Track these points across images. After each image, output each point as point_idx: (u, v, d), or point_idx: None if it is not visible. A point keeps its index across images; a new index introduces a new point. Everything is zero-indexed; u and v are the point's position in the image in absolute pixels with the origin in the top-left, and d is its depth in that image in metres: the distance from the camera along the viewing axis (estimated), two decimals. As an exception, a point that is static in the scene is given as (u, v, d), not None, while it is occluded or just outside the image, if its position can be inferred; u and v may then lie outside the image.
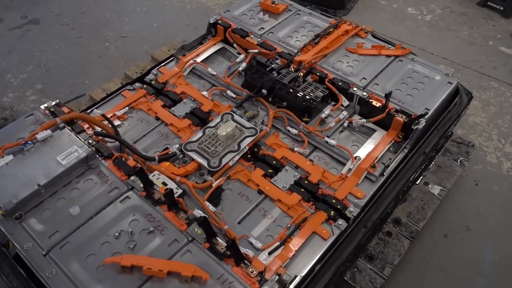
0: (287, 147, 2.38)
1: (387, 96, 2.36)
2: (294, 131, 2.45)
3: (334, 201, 2.13)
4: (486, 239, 2.66)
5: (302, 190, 2.19)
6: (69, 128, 2.18)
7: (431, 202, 2.42)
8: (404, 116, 2.38)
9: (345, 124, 2.51)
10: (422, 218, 2.35)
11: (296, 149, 2.36)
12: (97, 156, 2.10)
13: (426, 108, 2.42)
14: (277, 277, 1.72)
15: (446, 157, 2.66)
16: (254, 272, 1.70)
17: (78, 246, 1.75)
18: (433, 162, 2.64)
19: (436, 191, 2.47)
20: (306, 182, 2.22)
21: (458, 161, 2.64)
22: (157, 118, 2.58)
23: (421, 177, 2.55)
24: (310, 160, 2.34)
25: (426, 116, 2.36)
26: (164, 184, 2.12)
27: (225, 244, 1.70)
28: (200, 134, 2.36)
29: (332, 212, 2.09)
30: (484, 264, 2.53)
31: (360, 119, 2.51)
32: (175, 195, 2.03)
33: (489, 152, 3.16)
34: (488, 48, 4.06)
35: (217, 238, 1.80)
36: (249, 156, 2.36)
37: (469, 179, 2.96)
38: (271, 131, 2.48)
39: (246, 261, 1.75)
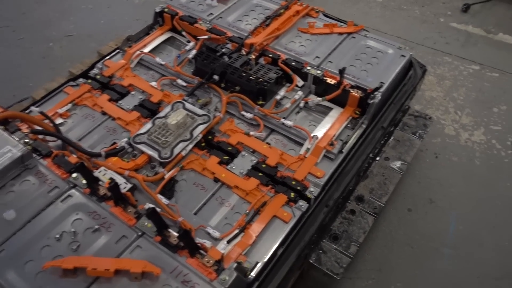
0: (243, 132, 2.28)
1: (341, 72, 2.29)
2: (249, 115, 2.34)
3: (293, 182, 2.04)
4: (449, 210, 2.64)
5: (260, 174, 2.09)
6: (2, 128, 1.99)
7: (392, 177, 2.38)
8: (359, 91, 2.32)
9: (301, 105, 2.42)
10: (384, 193, 2.30)
11: (251, 133, 2.26)
12: (35, 155, 1.92)
13: (381, 82, 2.37)
14: (236, 264, 1.61)
15: (404, 131, 2.62)
16: (211, 262, 1.59)
17: (14, 253, 1.58)
18: (392, 137, 2.60)
19: (396, 165, 2.43)
20: (263, 166, 2.12)
21: (417, 134, 2.61)
22: (104, 113, 2.41)
23: (381, 152, 2.50)
24: (267, 143, 2.25)
25: (381, 89, 2.31)
26: (112, 179, 1.97)
27: (178, 235, 1.57)
28: (149, 125, 2.23)
29: (292, 194, 2.00)
30: (449, 234, 2.51)
31: (316, 98, 2.43)
32: (124, 190, 1.89)
33: (446, 124, 3.16)
34: (440, 24, 4.09)
35: (169, 230, 1.67)
36: (203, 144, 2.24)
37: (429, 153, 2.95)
38: (225, 117, 2.37)
39: (201, 251, 1.63)
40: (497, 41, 3.88)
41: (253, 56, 2.53)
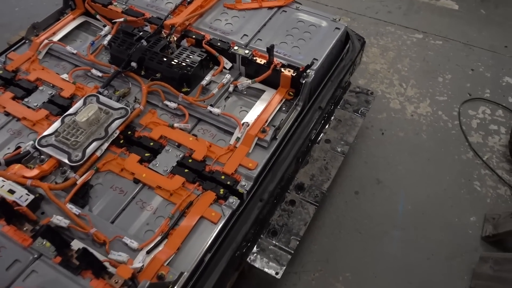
0: (166, 124, 2.06)
1: (269, 50, 2.11)
2: (172, 105, 2.14)
3: (223, 177, 1.87)
4: (398, 189, 2.56)
5: (187, 170, 1.90)
6: None
7: (334, 160, 2.24)
8: (291, 70, 2.15)
9: (231, 89, 2.23)
10: (326, 179, 2.16)
11: (176, 125, 2.06)
12: None
13: (314, 59, 2.21)
14: (148, 283, 1.42)
15: (345, 109, 2.49)
16: (119, 282, 1.40)
17: None
18: (332, 117, 2.46)
19: (338, 147, 2.29)
20: (190, 160, 1.93)
21: (359, 111, 2.48)
22: (7, 114, 2.13)
23: (321, 134, 2.36)
24: (193, 135, 2.05)
25: (315, 67, 2.15)
26: (11, 191, 1.73)
27: (76, 256, 1.36)
28: (57, 124, 1.98)
29: (222, 190, 1.83)
30: (398, 215, 2.43)
31: (245, 80, 2.24)
32: (25, 204, 1.65)
33: (392, 98, 3.06)
34: (381, -7, 3.96)
35: (72, 247, 1.45)
36: (121, 141, 2.02)
37: (374, 130, 2.84)
38: (147, 109, 2.15)
39: (109, 270, 1.43)
40: (439, 7, 3.81)
41: (174, 38, 2.30)
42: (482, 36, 3.49)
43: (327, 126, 2.40)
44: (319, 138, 2.34)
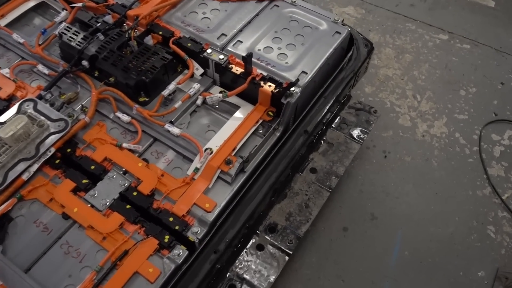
0: (114, 142, 1.72)
1: (246, 60, 1.73)
2: (125, 118, 1.80)
3: (171, 219, 1.56)
4: (395, 229, 2.20)
5: (129, 206, 1.58)
6: None
7: (318, 196, 1.89)
8: (272, 85, 1.77)
9: (198, 102, 1.88)
10: (305, 220, 1.82)
11: (125, 145, 1.72)
12: None
13: (303, 72, 1.83)
14: None
15: (341, 131, 2.10)
16: None
17: None
18: (323, 139, 2.08)
19: (325, 180, 1.93)
20: (135, 193, 1.61)
21: (355, 136, 2.09)
22: None
23: (306, 162, 1.99)
24: (144, 159, 1.72)
25: (303, 82, 1.77)
26: None
27: None
28: (-21, 137, 1.66)
29: (167, 237, 1.51)
30: (391, 262, 2.08)
31: (220, 92, 1.87)
32: None
33: (402, 113, 2.66)
34: (406, -19, 3.47)
35: None
36: (57, 161, 1.70)
37: (376, 150, 2.46)
38: (95, 120, 1.81)
39: None
40: (472, 2, 3.32)
41: (137, 33, 1.93)
42: (518, 42, 3.02)
43: (315, 151, 2.03)
44: (303, 166, 1.98)
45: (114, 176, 1.66)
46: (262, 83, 1.79)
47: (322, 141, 2.08)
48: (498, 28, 3.10)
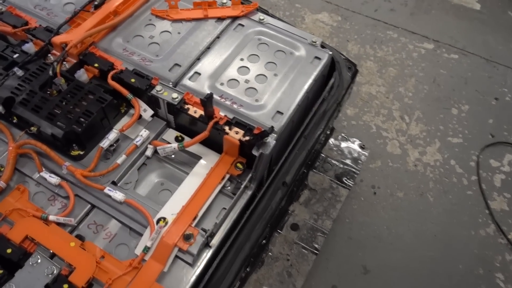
0: (39, 214, 1.35)
1: (205, 103, 1.39)
2: (52, 179, 1.44)
3: (115, 322, 1.19)
4: (390, 284, 1.90)
5: (57, 306, 1.22)
6: None
7: (302, 260, 1.58)
8: (240, 132, 1.44)
9: (148, 153, 1.53)
10: (288, 295, 1.50)
11: (52, 217, 1.36)
12: None
13: (278, 112, 1.50)
14: None
15: (325, 173, 1.80)
16: None
17: None
18: (305, 183, 1.77)
19: (311, 239, 1.62)
20: (66, 286, 1.24)
21: (343, 179, 1.79)
22: None
23: (286, 215, 1.67)
24: (78, 236, 1.36)
25: (279, 126, 1.45)
26: None
27: None
28: None
29: None
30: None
31: (176, 137, 1.53)
32: None
33: (390, 138, 2.38)
34: (383, -18, 3.20)
35: None
36: (-40, 245, 1.31)
37: (364, 187, 2.18)
38: (14, 183, 1.43)
39: None
40: (456, 5, 3.09)
41: (66, 66, 1.56)
42: (510, 50, 2.79)
43: (295, 202, 1.72)
44: (282, 221, 1.66)
45: (39, 261, 1.29)
46: (227, 128, 1.45)
47: (303, 188, 1.76)
48: (486, 35, 2.88)
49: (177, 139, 1.58)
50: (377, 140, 2.35)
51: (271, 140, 1.44)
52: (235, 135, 1.46)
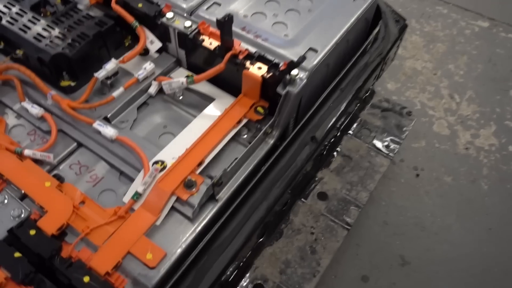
0: (12, 148, 1.12)
1: (223, 24, 1.13)
2: (34, 110, 1.20)
3: (86, 278, 0.94)
4: (434, 279, 1.58)
5: (18, 254, 0.97)
6: None
7: (330, 236, 1.29)
8: (263, 67, 1.17)
9: (152, 90, 1.28)
10: (310, 275, 1.22)
11: (27, 152, 1.11)
12: None
13: (311, 49, 1.23)
14: None
15: (362, 139, 1.50)
16: None
17: None
18: (337, 149, 1.48)
19: (340, 212, 1.33)
20: (32, 232, 1.00)
21: (383, 145, 1.49)
22: None
23: (312, 182, 1.39)
24: (56, 176, 1.11)
25: (311, 64, 1.18)
26: None
27: None
28: None
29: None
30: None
31: (188, 76, 1.27)
32: None
33: (437, 117, 2.07)
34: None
35: None
36: None
37: (405, 167, 1.87)
38: (-10, 114, 1.22)
39: None
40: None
41: (64, -12, 1.34)
42: None
43: (324, 168, 1.42)
44: (308, 189, 1.37)
45: (5, 202, 1.05)
46: (247, 63, 1.19)
47: (335, 153, 1.47)
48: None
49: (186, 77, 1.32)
50: (422, 118, 2.04)
51: (302, 75, 1.16)
52: (257, 70, 1.19)
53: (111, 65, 1.25)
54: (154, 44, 1.33)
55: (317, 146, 1.28)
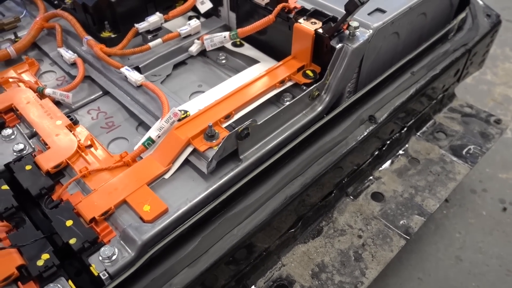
0: (35, 86, 1.02)
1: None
2: (68, 55, 1.11)
3: (69, 222, 0.76)
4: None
5: (5, 187, 0.85)
6: None
7: (383, 243, 1.01)
8: (317, 22, 0.99)
9: (193, 48, 1.13)
10: (350, 286, 0.93)
11: (48, 90, 1.01)
12: None
13: (377, 9, 1.03)
14: None
15: (435, 142, 1.23)
16: None
17: None
18: (402, 149, 1.21)
19: (398, 217, 1.05)
20: (28, 167, 0.87)
21: (464, 151, 1.20)
22: None
23: (366, 179, 1.13)
24: (72, 119, 0.97)
25: (376, 23, 0.97)
26: None
27: None
28: None
29: (45, 257, 0.71)
30: None
31: (237, 43, 1.13)
32: None
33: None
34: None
35: None
36: None
37: (488, 198, 1.51)
38: (30, 56, 1.15)
39: None
40: None
41: None
42: None
43: (384, 165, 1.16)
44: (360, 186, 1.11)
45: (13, 137, 0.93)
46: (301, 19, 1.01)
47: (399, 153, 1.20)
48: None
49: (235, 44, 1.17)
50: (510, 143, 1.69)
51: (364, 31, 0.95)
52: (311, 25, 1.01)
53: (154, 18, 1.14)
54: (204, 4, 1.21)
55: (376, 128, 1.03)
